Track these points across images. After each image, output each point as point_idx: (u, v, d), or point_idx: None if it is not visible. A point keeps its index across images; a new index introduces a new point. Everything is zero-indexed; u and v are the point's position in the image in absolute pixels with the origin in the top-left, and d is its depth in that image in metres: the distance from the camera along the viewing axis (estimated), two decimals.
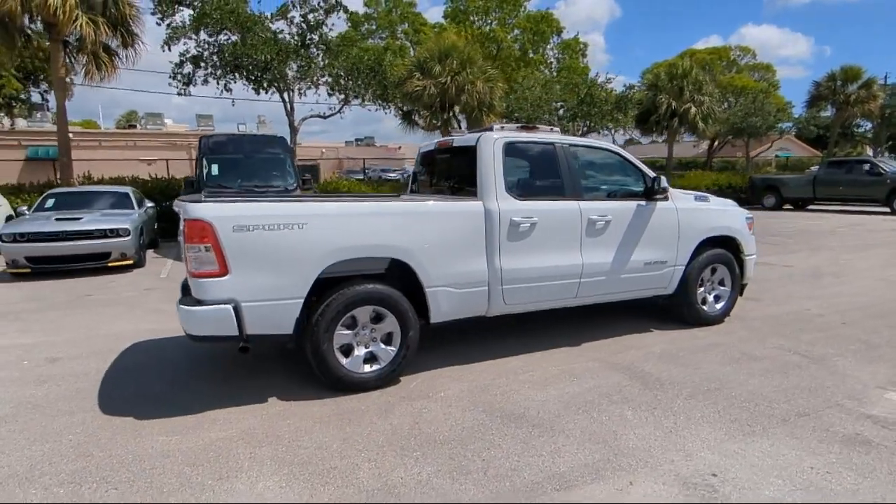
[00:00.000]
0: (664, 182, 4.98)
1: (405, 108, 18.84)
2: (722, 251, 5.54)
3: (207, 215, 3.52)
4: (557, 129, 10.44)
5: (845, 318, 5.80)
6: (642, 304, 5.62)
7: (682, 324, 5.53)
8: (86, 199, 10.62)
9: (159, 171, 17.33)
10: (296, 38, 15.85)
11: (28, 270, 8.74)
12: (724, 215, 5.59)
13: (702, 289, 5.54)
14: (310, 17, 16.25)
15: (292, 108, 17.44)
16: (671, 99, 20.42)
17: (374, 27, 34.57)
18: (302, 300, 3.78)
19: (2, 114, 29.71)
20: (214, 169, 11.01)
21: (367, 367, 4.07)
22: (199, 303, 3.60)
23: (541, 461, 3.06)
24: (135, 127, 42.81)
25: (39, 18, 13.74)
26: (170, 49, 15.52)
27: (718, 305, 5.65)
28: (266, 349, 4.86)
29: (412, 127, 18.83)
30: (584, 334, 5.30)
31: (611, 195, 5.09)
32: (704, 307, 5.56)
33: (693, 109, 20.13)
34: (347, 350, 4.02)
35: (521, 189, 4.59)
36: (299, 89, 18.01)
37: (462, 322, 4.54)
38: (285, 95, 17.16)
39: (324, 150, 41.15)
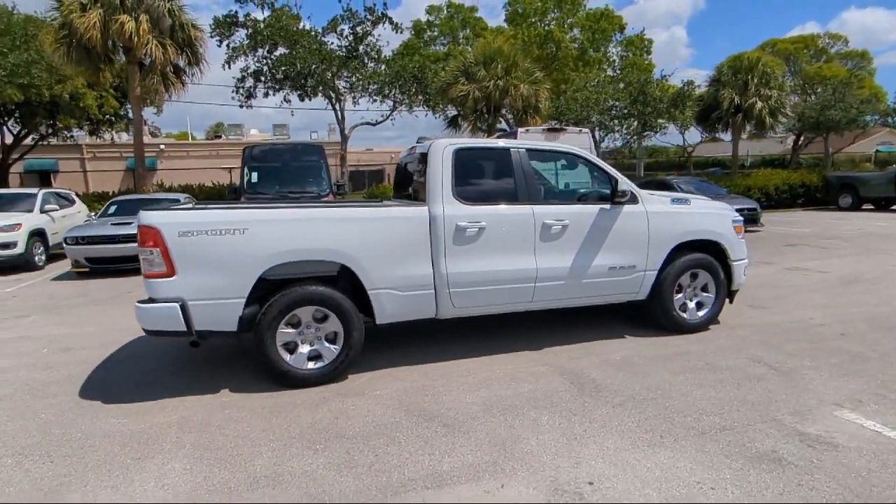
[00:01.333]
0: (624, 185, 4.83)
1: (451, 113, 19.09)
2: (702, 256, 5.28)
3: (155, 222, 3.91)
4: (587, 131, 10.31)
5: (849, 328, 5.33)
6: (626, 309, 5.49)
7: (662, 330, 5.33)
8: (142, 206, 11.70)
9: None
10: (343, 49, 16.54)
11: (87, 269, 9.83)
12: (704, 218, 5.32)
13: (680, 295, 5.30)
14: (357, 29, 16.89)
15: (343, 116, 18.21)
16: (734, 93, 19.21)
17: (435, 34, 35.22)
18: (244, 300, 4.07)
19: (104, 129, 33.19)
20: (254, 176, 11.77)
21: (310, 364, 4.31)
22: (152, 301, 4.00)
23: (428, 459, 3.15)
24: (220, 137, 46.22)
25: (119, 43, 15.31)
26: (230, 67, 16.74)
27: (701, 313, 5.38)
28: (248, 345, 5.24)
29: (457, 130, 19.04)
30: (551, 339, 5.25)
31: (571, 199, 5.02)
32: (684, 314, 5.32)
33: (759, 104, 18.83)
34: (293, 347, 4.29)
35: (471, 194, 4.65)
36: (353, 98, 18.76)
37: (430, 324, 4.67)
38: (336, 105, 17.94)
39: (393, 156, 42.41)
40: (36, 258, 10.95)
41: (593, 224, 4.89)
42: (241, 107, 18.15)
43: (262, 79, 17.59)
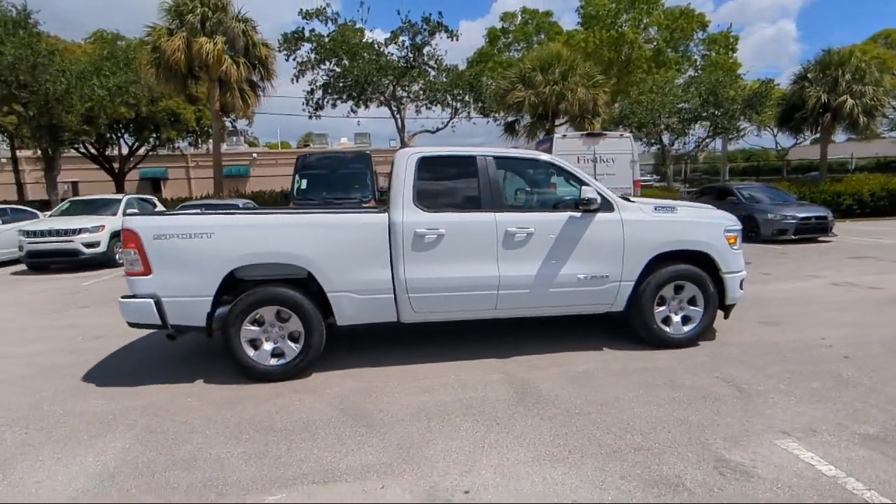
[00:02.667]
0: (589, 193, 4.67)
1: (508, 119, 19.04)
2: (686, 267, 4.98)
3: (134, 225, 4.38)
4: (629, 135, 10.05)
5: (858, 351, 4.78)
6: (616, 321, 5.31)
7: (644, 344, 5.08)
8: (211, 209, 12.80)
9: None
10: (401, 60, 17.07)
11: None
12: (689, 227, 5.01)
13: (662, 308, 5.03)
14: (417, 39, 17.37)
15: (403, 125, 18.76)
16: (822, 91, 17.51)
17: (510, 40, 35.21)
18: (210, 298, 4.43)
19: (202, 140, 36.50)
20: (304, 183, 12.48)
21: (273, 361, 4.59)
22: (133, 297, 4.47)
23: (331, 456, 3.29)
24: (308, 145, 49.17)
25: (200, 63, 16.86)
26: (297, 81, 17.85)
27: (687, 327, 5.07)
28: None
29: (514, 137, 18.94)
30: (525, 347, 5.18)
31: (538, 207, 4.93)
32: (667, 328, 5.04)
33: (850, 102, 17.03)
34: (258, 344, 4.59)
35: (432, 202, 4.72)
36: (416, 107, 19.26)
37: (411, 329, 4.79)
38: (397, 114, 18.53)
39: None
40: (116, 256, 12.33)
41: (561, 232, 4.79)
42: (310, 117, 19.26)
43: (330, 90, 18.52)
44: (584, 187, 4.67)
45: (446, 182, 4.89)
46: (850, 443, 3.22)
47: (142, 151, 29.57)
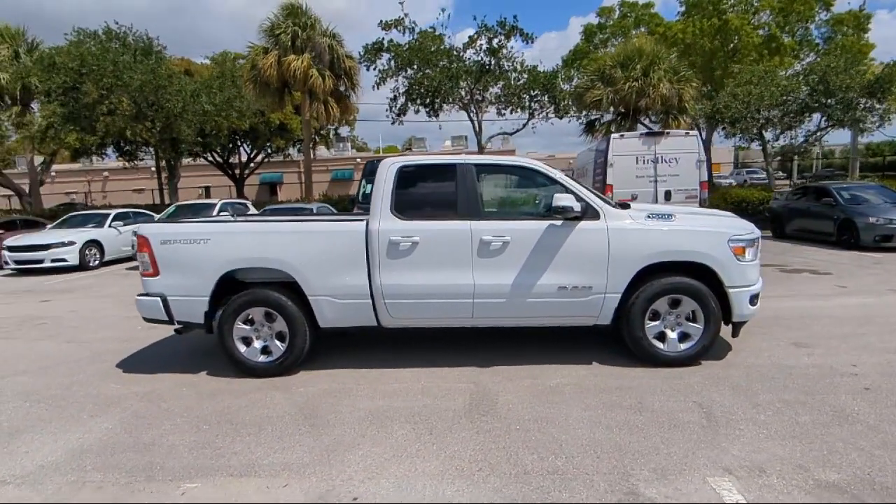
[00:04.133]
0: (561, 202, 4.43)
1: (589, 118, 18.33)
2: (682, 280, 4.56)
3: (145, 232, 4.94)
4: (695, 133, 9.48)
5: (889, 383, 4.08)
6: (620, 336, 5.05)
7: (639, 362, 4.74)
8: (284, 212, 13.85)
9: None
10: (476, 64, 17.16)
11: None
12: (685, 237, 4.57)
13: (656, 322, 4.66)
14: (494, 42, 17.36)
15: (480, 128, 18.84)
16: None
17: (607, 35, 33.84)
18: (207, 298, 4.87)
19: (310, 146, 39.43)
20: (369, 188, 13.03)
21: (262, 358, 4.94)
22: (146, 295, 5.04)
23: (262, 451, 3.50)
24: (410, 149, 51.11)
25: (290, 78, 18.25)
26: (378, 88, 18.63)
27: (684, 345, 4.64)
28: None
29: (594, 136, 18.18)
30: (512, 357, 5.06)
31: (517, 215, 4.79)
32: (661, 345, 4.65)
33: None
34: (249, 342, 4.96)
35: (409, 210, 4.78)
36: (498, 109, 19.23)
37: (413, 333, 4.91)
38: (474, 117, 18.65)
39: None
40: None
41: (540, 241, 4.62)
42: (393, 123, 19.98)
43: (413, 97, 19.09)
44: (556, 195, 4.47)
45: (425, 191, 4.93)
46: (797, 488, 2.81)
47: (259, 159, 32.61)
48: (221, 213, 14.79)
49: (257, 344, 4.95)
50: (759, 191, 15.84)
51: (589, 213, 4.62)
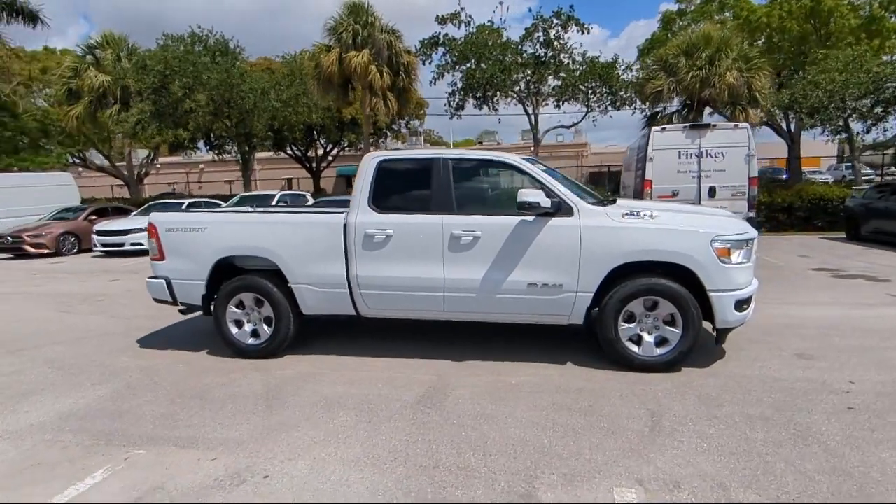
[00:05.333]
0: (526, 197, 4.29)
1: (652, 110, 17.43)
2: (658, 281, 4.31)
3: (153, 220, 5.39)
4: (745, 125, 8.97)
5: (879, 403, 3.64)
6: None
7: (616, 364, 4.55)
8: (335, 204, 14.38)
9: None
10: (532, 57, 16.83)
11: None
12: (660, 236, 4.29)
13: (631, 325, 4.44)
14: (550, 33, 16.96)
15: (536, 121, 18.47)
16: None
17: (686, 22, 31.91)
18: (204, 282, 5.24)
19: (381, 141, 40.42)
20: None
21: (251, 340, 5.25)
22: (154, 277, 5.50)
23: (213, 426, 3.74)
24: (481, 143, 51.17)
25: (351, 75, 18.83)
26: (435, 84, 18.77)
27: (661, 350, 4.39)
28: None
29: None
30: (492, 353, 5.02)
31: (490, 210, 4.71)
32: (636, 348, 4.43)
33: None
34: (241, 324, 5.29)
35: (385, 203, 4.86)
36: (556, 101, 18.79)
37: (413, 324, 5.03)
38: (529, 110, 18.33)
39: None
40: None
41: (510, 236, 4.54)
42: (451, 118, 20.06)
43: (467, 91, 19.09)
44: (521, 191, 4.36)
45: (402, 185, 4.98)
46: None
47: (335, 152, 34.01)
48: (279, 204, 15.65)
49: (247, 327, 5.26)
50: (839, 188, 14.37)
51: (562, 209, 4.48)
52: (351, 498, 2.82)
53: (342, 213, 5.04)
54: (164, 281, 5.35)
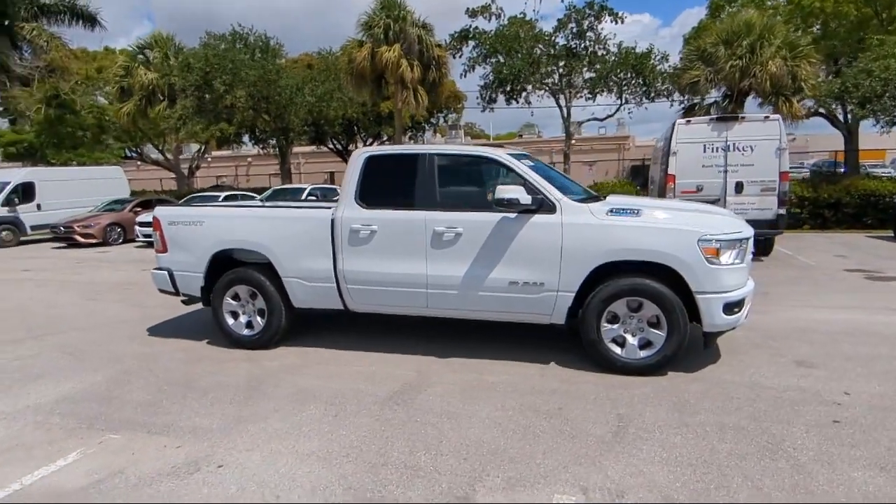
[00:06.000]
0: (504, 194, 4.19)
1: (690, 102, 16.73)
2: (644, 282, 4.14)
3: (157, 214, 5.60)
4: (776, 118, 8.58)
5: (869, 417, 3.38)
6: None
7: (602, 367, 4.41)
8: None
9: None
10: (563, 49, 16.44)
11: None
12: (643, 234, 4.10)
13: (615, 326, 4.29)
14: (584, 23, 16.52)
15: (568, 114, 18.07)
16: None
17: (735, 8, 30.44)
18: (202, 274, 5.41)
19: (419, 134, 40.59)
20: None
21: (246, 331, 5.38)
22: (158, 269, 5.72)
23: (188, 414, 3.87)
24: (521, 136, 50.85)
25: (382, 69, 18.94)
26: (465, 76, 18.65)
27: (644, 352, 4.22)
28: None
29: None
30: (481, 351, 4.96)
31: (472, 207, 4.63)
32: (619, 350, 4.28)
33: None
34: (237, 315, 5.43)
35: (371, 199, 4.87)
36: (591, 93, 18.33)
37: (414, 319, 5.13)
38: (562, 103, 17.94)
39: None
40: None
41: (492, 233, 4.47)
42: (483, 110, 19.93)
43: (495, 84, 18.84)
44: (499, 187, 4.27)
45: (388, 181, 4.96)
46: None
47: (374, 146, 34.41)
48: (309, 197, 15.97)
49: (242, 319, 5.40)
50: (892, 182, 13.38)
51: (544, 206, 4.37)
52: (293, 491, 2.85)
53: (331, 208, 5.09)
54: (166, 272, 5.56)
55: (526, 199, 4.26)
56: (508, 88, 16.48)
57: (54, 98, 24.98)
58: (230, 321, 5.41)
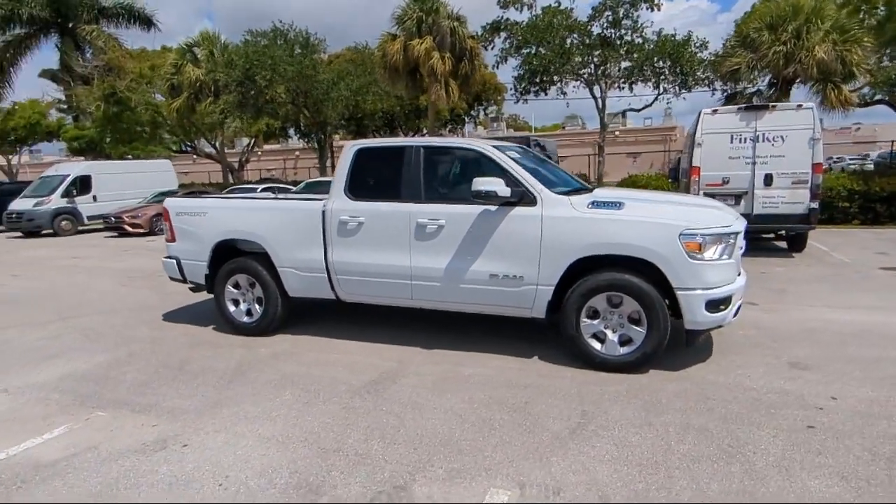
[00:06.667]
0: (481, 186, 4.14)
1: (733, 90, 15.95)
2: (623, 276, 4.02)
3: (166, 205, 5.86)
4: (810, 105, 8.23)
5: (848, 425, 3.17)
6: None
7: (583, 362, 4.33)
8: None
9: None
10: (596, 38, 16.01)
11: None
12: (621, 228, 3.97)
13: (595, 321, 4.19)
14: (619, 10, 16.04)
15: (604, 104, 17.60)
16: None
17: None
18: (206, 263, 5.63)
19: (458, 127, 40.49)
20: None
21: (245, 318, 5.58)
22: (168, 258, 5.99)
23: (172, 396, 4.06)
24: (564, 127, 50.21)
25: (414, 62, 19.01)
26: (497, 68, 18.44)
27: (624, 349, 4.11)
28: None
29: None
30: (467, 343, 4.96)
31: (455, 199, 4.60)
32: (598, 346, 4.18)
33: None
34: (238, 303, 5.63)
35: (360, 191, 4.93)
36: (628, 83, 17.82)
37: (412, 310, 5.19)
38: (597, 94, 17.51)
39: None
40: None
41: (473, 226, 4.45)
42: (516, 102, 19.69)
43: (532, 76, 18.60)
44: (476, 179, 4.22)
45: (376, 173, 5.02)
46: None
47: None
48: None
49: (243, 306, 5.60)
50: None
51: (525, 198, 4.31)
52: (242, 472, 2.96)
53: (318, 200, 5.20)
54: (174, 261, 5.82)
55: (505, 191, 4.21)
56: (538, 80, 16.19)
57: (111, 96, 26.39)
58: (231, 308, 5.61)
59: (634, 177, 16.22)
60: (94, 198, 19.57)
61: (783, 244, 9.68)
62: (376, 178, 5.01)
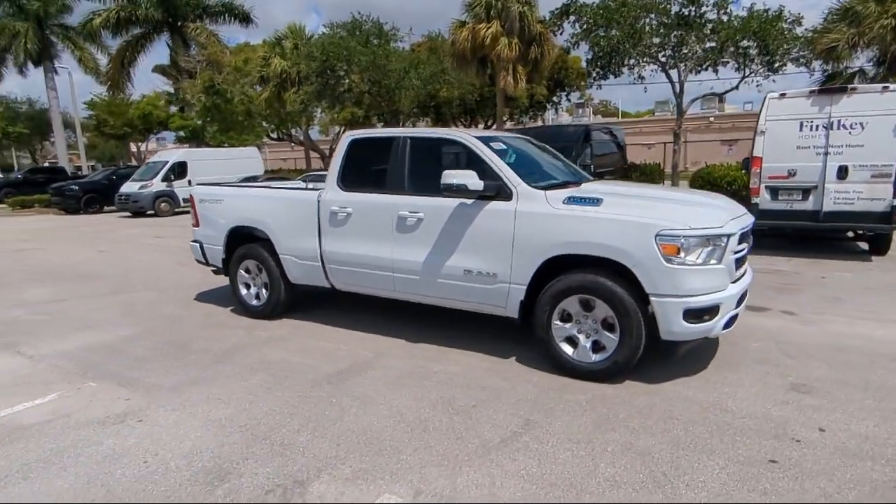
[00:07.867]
0: (448, 179, 3.96)
1: (834, 70, 14.13)
2: (594, 278, 3.71)
3: (192, 192, 6.25)
4: (894, 87, 7.39)
5: (814, 462, 2.70)
6: None
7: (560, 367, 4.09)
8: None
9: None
10: (674, 17, 14.82)
11: None
12: (596, 227, 3.63)
13: (567, 325, 3.91)
14: None
15: (682, 88, 16.31)
16: None
17: None
18: (222, 247, 5.95)
19: (539, 114, 39.46)
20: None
21: (254, 302, 5.84)
22: (194, 242, 6.39)
23: (163, 372, 4.34)
24: (653, 113, 47.76)
25: (480, 49, 18.71)
26: (569, 53, 17.68)
27: (597, 356, 3.80)
28: None
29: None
30: (453, 339, 4.83)
31: (435, 192, 4.45)
32: (570, 351, 3.91)
33: None
34: (248, 287, 5.90)
35: (350, 182, 4.95)
36: (703, 66, 16.39)
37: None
38: (674, 77, 16.28)
39: None
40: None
41: (449, 220, 4.31)
42: (589, 88, 18.88)
43: (599, 60, 17.69)
44: (445, 172, 4.05)
45: (367, 164, 5.00)
46: None
47: (493, 127, 34.46)
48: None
49: (252, 290, 5.86)
50: None
51: (503, 192, 4.11)
52: (171, 451, 3.10)
53: (314, 190, 5.29)
54: (198, 245, 6.21)
55: (477, 184, 4.03)
56: (608, 62, 15.34)
57: (210, 88, 28.54)
58: (243, 291, 5.90)
59: (712, 167, 14.92)
60: (189, 182, 21.29)
61: (865, 245, 8.50)
62: (367, 170, 5.00)
